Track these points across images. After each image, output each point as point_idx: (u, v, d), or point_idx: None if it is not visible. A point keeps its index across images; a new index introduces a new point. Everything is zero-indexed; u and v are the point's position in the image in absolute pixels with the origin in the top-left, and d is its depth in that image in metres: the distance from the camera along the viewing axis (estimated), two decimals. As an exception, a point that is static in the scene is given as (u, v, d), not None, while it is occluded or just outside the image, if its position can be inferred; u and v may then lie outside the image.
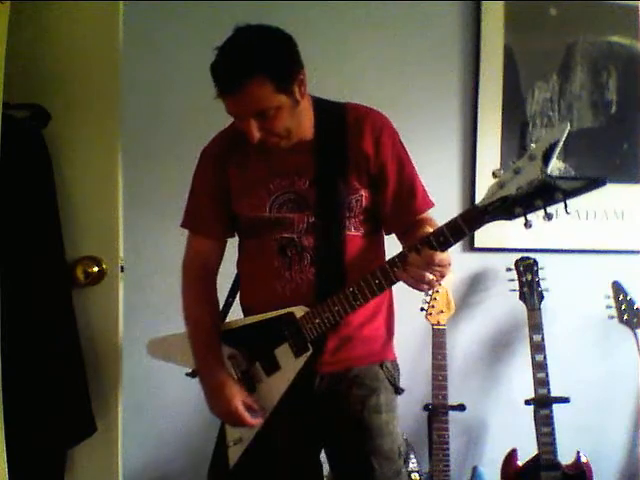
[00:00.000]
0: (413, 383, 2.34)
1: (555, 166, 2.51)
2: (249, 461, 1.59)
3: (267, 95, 1.39)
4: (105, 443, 1.81)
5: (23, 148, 1.67)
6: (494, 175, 1.26)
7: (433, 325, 2.28)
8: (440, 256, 1.32)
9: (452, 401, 2.25)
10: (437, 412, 2.23)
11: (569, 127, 1.19)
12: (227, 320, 1.69)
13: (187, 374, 1.69)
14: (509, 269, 2.35)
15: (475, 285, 2.48)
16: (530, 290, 2.32)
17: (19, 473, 1.59)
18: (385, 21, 2.38)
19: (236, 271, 1.71)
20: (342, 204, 1.52)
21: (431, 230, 1.35)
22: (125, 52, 1.80)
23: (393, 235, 1.64)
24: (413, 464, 2.21)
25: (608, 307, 2.41)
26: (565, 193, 1.20)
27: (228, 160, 1.59)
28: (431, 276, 1.33)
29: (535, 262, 2.34)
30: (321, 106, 1.57)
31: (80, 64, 1.77)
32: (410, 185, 1.57)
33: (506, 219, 1.27)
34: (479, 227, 1.30)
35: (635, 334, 2.38)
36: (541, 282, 2.33)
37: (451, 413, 2.25)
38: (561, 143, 1.18)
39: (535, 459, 2.25)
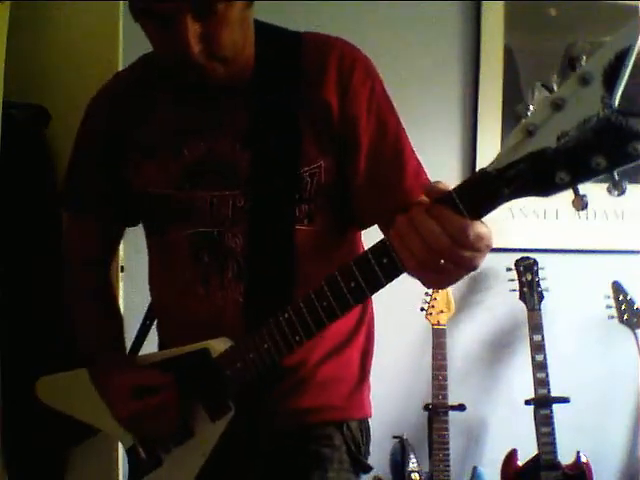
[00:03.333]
0: (413, 383, 2.35)
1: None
2: None
3: None
4: (105, 443, 1.80)
5: (23, 148, 1.67)
6: (517, 115, 0.76)
7: (433, 325, 2.27)
8: (478, 227, 0.74)
9: (452, 401, 2.25)
10: (437, 412, 2.22)
11: None
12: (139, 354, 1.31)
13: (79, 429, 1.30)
14: (509, 269, 2.35)
15: (475, 285, 2.48)
16: (530, 290, 2.32)
17: (19, 473, 1.59)
18: (385, 21, 2.38)
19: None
20: (290, 180, 1.01)
21: None
22: (125, 52, 1.80)
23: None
24: (413, 464, 2.21)
25: (608, 307, 2.41)
26: None
27: (123, 113, 1.10)
28: (469, 254, 0.75)
29: (535, 262, 2.34)
30: (266, 32, 1.07)
31: (80, 64, 1.77)
32: (395, 152, 1.03)
33: (541, 194, 0.71)
34: (491, 209, 0.74)
35: (635, 334, 2.38)
36: (541, 282, 2.33)
37: (451, 413, 2.25)
38: (635, 52, 0.64)
39: (535, 459, 2.25)
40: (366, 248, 0.86)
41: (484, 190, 0.73)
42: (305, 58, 1.04)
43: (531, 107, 0.72)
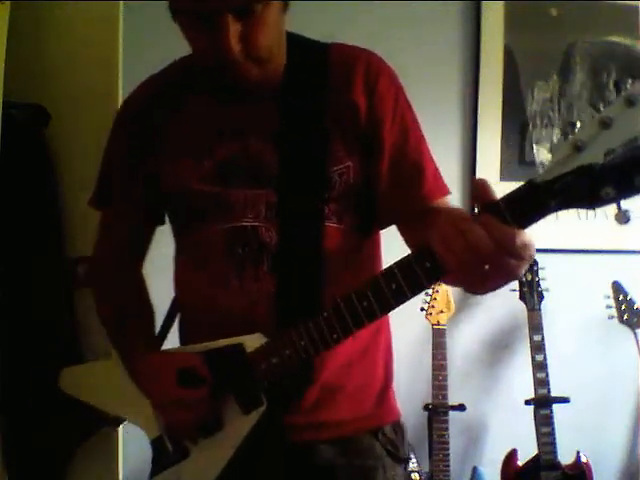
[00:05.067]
0: (413, 383, 2.35)
1: (555, 166, 2.52)
2: None
3: None
4: (105, 443, 1.80)
5: (23, 148, 1.67)
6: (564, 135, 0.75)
7: (433, 325, 2.28)
8: (524, 236, 0.78)
9: (452, 401, 2.25)
10: (437, 412, 2.22)
11: None
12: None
13: (102, 421, 1.32)
14: (509, 269, 2.35)
15: (475, 285, 2.48)
16: (530, 290, 2.32)
17: (19, 473, 1.59)
18: (384, 21, 2.38)
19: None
20: (319, 179, 1.05)
21: None
22: (125, 52, 1.80)
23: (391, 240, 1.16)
24: (413, 464, 2.21)
25: (608, 307, 2.41)
26: None
27: (158, 114, 1.13)
28: (513, 262, 0.78)
29: (535, 262, 2.34)
30: (296, 40, 1.12)
31: (80, 64, 1.77)
32: (417, 158, 1.09)
33: (586, 207, 0.76)
34: (537, 220, 0.79)
35: (635, 334, 2.38)
36: (541, 282, 2.33)
37: (451, 413, 2.25)
38: None
39: (535, 459, 2.25)
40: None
41: (531, 201, 0.77)
42: (333, 64, 1.09)
43: (578, 124, 0.68)
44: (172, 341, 1.28)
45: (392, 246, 1.12)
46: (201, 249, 1.11)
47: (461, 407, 2.29)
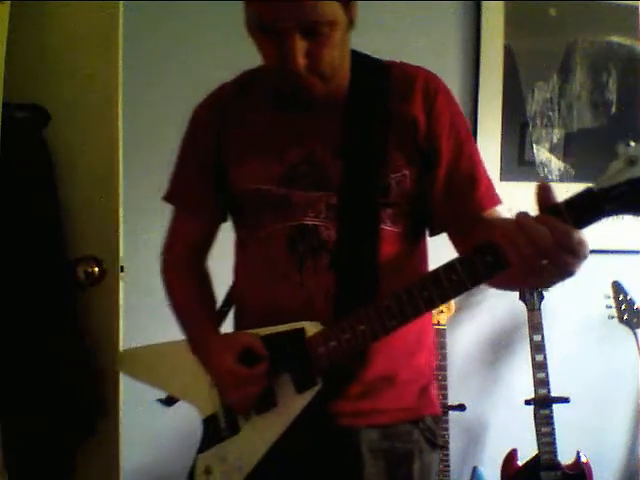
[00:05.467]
0: (413, 383, 2.35)
1: (555, 166, 2.52)
2: None
3: (327, 3, 1.04)
4: (105, 443, 1.80)
5: (23, 148, 1.67)
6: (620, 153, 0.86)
7: (433, 325, 2.27)
8: (578, 234, 0.87)
9: (452, 401, 2.25)
10: (437, 412, 2.22)
11: None
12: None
13: (159, 400, 1.37)
14: (509, 269, 2.35)
15: (475, 285, 2.48)
16: (530, 290, 2.32)
17: (19, 473, 1.59)
18: (385, 21, 2.38)
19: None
20: (377, 184, 1.13)
21: None
22: (125, 52, 1.80)
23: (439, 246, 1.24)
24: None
25: (608, 307, 2.41)
26: None
27: (228, 119, 1.23)
28: (570, 258, 0.87)
29: (535, 262, 2.34)
30: (360, 59, 1.21)
31: (80, 64, 1.77)
32: (471, 169, 1.18)
33: (637, 214, 0.86)
34: (592, 222, 0.88)
35: (635, 334, 2.38)
36: (541, 282, 2.33)
37: (451, 413, 2.25)
38: None
39: (535, 459, 2.25)
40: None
41: (589, 205, 0.86)
42: (394, 81, 1.18)
43: (632, 143, 0.86)
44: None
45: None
46: (264, 245, 1.19)
47: (461, 407, 2.29)
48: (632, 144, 0.85)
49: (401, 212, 1.17)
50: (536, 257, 0.87)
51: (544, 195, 0.89)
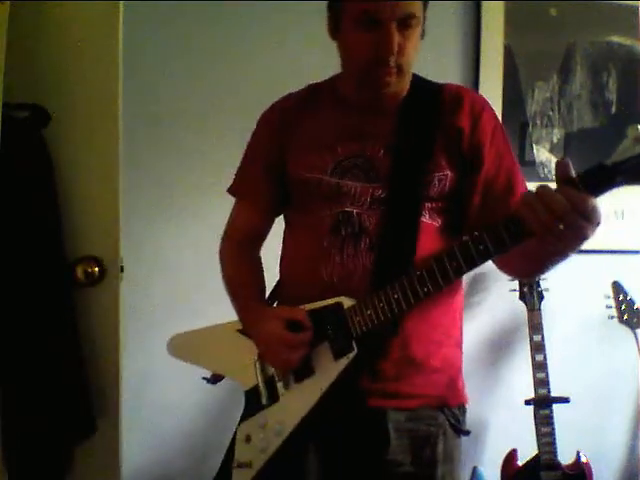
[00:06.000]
0: (413, 383, 2.35)
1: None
2: None
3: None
4: (105, 443, 1.80)
5: (23, 148, 1.67)
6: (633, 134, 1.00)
7: (433, 325, 2.27)
8: (592, 200, 1.00)
9: (452, 401, 2.25)
10: (437, 412, 2.22)
11: None
12: None
13: (205, 379, 1.49)
14: (509, 269, 2.35)
15: (475, 285, 2.48)
16: (530, 290, 2.32)
17: (19, 473, 1.59)
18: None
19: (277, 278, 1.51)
20: (421, 180, 1.26)
21: None
22: (125, 52, 1.80)
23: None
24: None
25: (608, 307, 2.41)
26: None
27: (292, 117, 1.39)
28: (578, 224, 1.00)
29: (535, 262, 2.34)
30: (417, 76, 1.38)
31: (80, 64, 1.77)
32: (508, 179, 1.30)
33: None
34: (605, 191, 1.01)
35: (635, 334, 2.38)
36: (541, 282, 2.33)
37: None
38: None
39: (535, 459, 2.25)
40: None
41: (602, 176, 1.00)
42: (446, 95, 1.33)
43: (639, 126, 1.00)
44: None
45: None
46: (311, 229, 1.33)
47: (461, 407, 2.28)
48: (639, 126, 1.00)
49: (440, 208, 1.29)
50: (554, 222, 0.99)
51: (562, 170, 1.02)
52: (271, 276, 1.50)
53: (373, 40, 1.21)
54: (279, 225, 1.51)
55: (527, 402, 2.26)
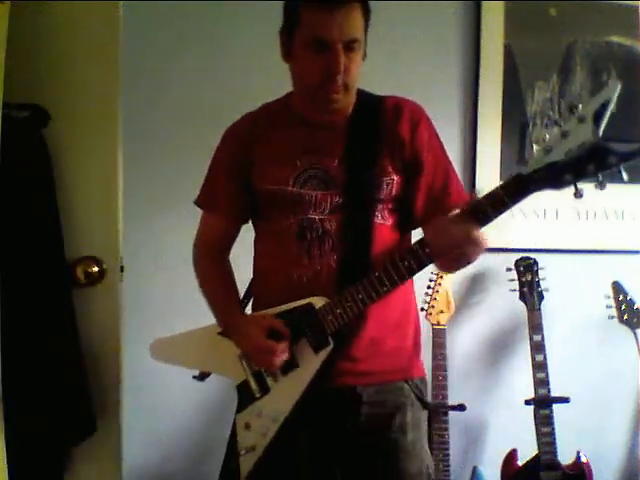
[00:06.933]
0: (413, 383, 2.35)
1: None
2: (262, 473, 1.46)
3: (359, 25, 1.38)
4: (105, 443, 1.81)
5: (23, 148, 1.67)
6: (536, 143, 1.18)
7: (433, 325, 2.28)
8: (476, 232, 1.24)
9: (452, 401, 2.25)
10: (437, 412, 2.22)
11: (619, 86, 1.16)
12: None
13: (194, 377, 1.63)
14: (509, 269, 2.35)
15: (475, 285, 2.48)
16: (530, 290, 2.32)
17: (19, 473, 1.59)
18: (385, 21, 2.37)
19: (250, 277, 1.62)
20: (372, 185, 1.43)
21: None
22: (125, 52, 1.80)
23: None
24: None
25: (608, 307, 2.41)
26: (620, 157, 1.10)
27: (253, 137, 1.52)
28: (470, 250, 1.27)
29: (535, 262, 2.34)
30: (360, 91, 1.52)
31: (80, 64, 1.77)
32: (445, 179, 1.49)
33: (554, 188, 1.17)
34: (523, 198, 1.20)
35: (635, 334, 2.38)
36: (541, 282, 2.33)
37: (451, 413, 2.25)
38: (613, 103, 1.14)
39: (535, 459, 2.25)
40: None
41: (520, 186, 1.21)
42: (387, 107, 1.49)
43: (547, 136, 1.16)
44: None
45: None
46: (278, 235, 1.47)
47: (461, 407, 2.29)
48: (547, 136, 1.18)
49: (390, 209, 1.46)
50: (450, 248, 1.27)
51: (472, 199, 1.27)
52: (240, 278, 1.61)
53: (322, 61, 1.37)
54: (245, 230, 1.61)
55: (527, 402, 2.26)
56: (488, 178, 2.41)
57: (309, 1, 1.37)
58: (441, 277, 2.29)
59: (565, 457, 2.27)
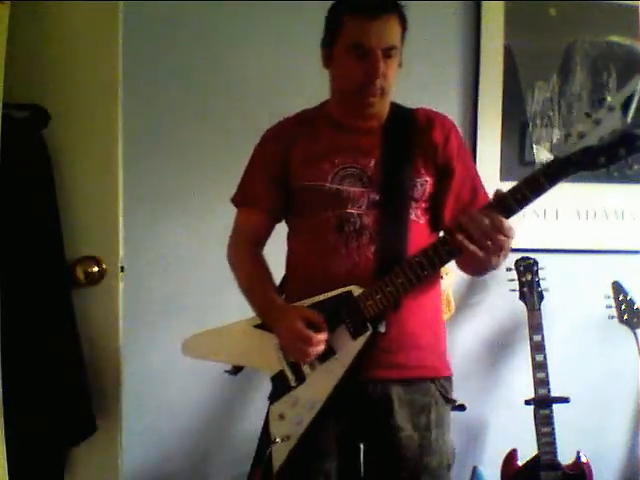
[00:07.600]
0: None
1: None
2: (295, 462, 1.50)
3: (397, 33, 1.49)
4: (105, 443, 1.81)
5: (23, 148, 1.67)
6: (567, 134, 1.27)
7: (433, 325, 2.27)
8: (507, 224, 1.33)
9: (452, 401, 2.25)
10: (437, 412, 2.22)
11: None
12: None
13: (226, 371, 1.66)
14: (509, 269, 2.35)
15: (475, 285, 2.48)
16: (530, 290, 2.32)
17: (19, 473, 1.59)
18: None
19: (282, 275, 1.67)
20: (408, 184, 1.52)
21: None
22: (125, 52, 1.80)
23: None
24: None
25: (608, 307, 2.41)
26: None
27: (291, 139, 1.60)
28: (500, 240, 1.32)
29: (535, 262, 2.34)
30: (394, 103, 1.62)
31: (80, 64, 1.77)
32: (472, 187, 1.59)
33: (590, 169, 1.27)
34: (561, 180, 1.28)
35: (635, 334, 2.38)
36: (541, 282, 2.33)
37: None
38: (638, 95, 1.25)
39: (535, 459, 2.25)
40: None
41: (561, 167, 1.28)
42: (420, 115, 1.60)
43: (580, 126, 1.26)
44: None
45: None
46: (316, 229, 1.54)
47: (461, 407, 2.28)
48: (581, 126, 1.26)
49: (423, 209, 1.55)
50: (481, 239, 1.31)
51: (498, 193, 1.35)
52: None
53: (362, 66, 1.46)
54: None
55: (527, 402, 2.26)
56: (488, 178, 2.38)
57: (352, 10, 1.46)
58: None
59: (565, 457, 2.27)
